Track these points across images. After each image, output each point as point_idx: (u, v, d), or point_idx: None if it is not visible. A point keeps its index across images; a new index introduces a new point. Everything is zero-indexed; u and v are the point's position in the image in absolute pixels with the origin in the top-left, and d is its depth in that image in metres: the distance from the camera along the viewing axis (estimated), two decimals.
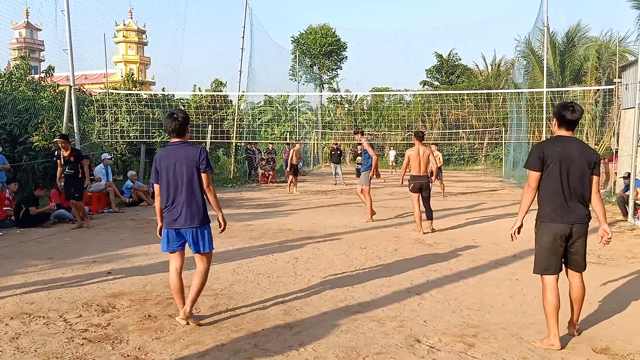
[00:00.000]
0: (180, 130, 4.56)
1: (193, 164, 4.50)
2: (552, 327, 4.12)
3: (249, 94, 23.82)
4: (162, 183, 4.54)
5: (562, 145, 4.13)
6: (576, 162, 4.09)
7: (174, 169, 4.50)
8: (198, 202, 4.54)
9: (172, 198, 4.52)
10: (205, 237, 4.60)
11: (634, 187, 10.50)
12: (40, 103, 15.42)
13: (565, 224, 4.10)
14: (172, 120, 4.53)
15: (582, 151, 4.15)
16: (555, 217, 4.11)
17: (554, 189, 4.10)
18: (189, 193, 4.50)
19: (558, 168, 4.08)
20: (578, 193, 4.11)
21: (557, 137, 4.24)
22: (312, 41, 42.67)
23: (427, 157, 9.47)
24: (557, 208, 4.10)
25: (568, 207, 4.09)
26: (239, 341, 4.22)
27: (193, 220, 4.51)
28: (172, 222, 4.53)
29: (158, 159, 4.59)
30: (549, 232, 4.13)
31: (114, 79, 39.76)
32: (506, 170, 25.76)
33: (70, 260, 7.14)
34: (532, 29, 22.36)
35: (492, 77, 40.80)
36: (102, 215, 12.01)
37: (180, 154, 4.52)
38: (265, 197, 16.35)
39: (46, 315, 4.84)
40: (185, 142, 4.62)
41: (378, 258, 7.30)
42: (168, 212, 4.54)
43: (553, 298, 4.13)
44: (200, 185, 4.55)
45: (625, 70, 15.80)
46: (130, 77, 22.27)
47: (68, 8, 13.20)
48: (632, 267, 6.80)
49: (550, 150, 4.12)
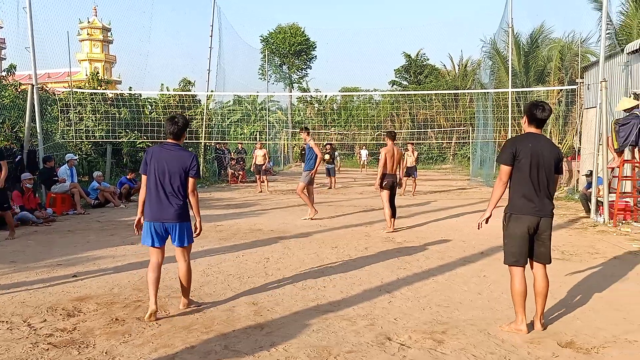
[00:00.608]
0: (177, 134, 4.86)
1: (183, 168, 4.77)
2: (519, 313, 4.35)
3: (218, 93, 23.60)
4: (151, 177, 4.77)
5: (533, 142, 4.33)
6: (545, 158, 4.30)
7: (164, 168, 4.74)
8: (181, 202, 4.80)
9: (158, 194, 4.75)
10: (188, 231, 4.89)
11: (596, 184, 10.79)
12: (2, 102, 14.97)
13: (535, 216, 4.30)
14: (173, 123, 4.83)
15: (551, 149, 4.38)
16: (526, 209, 4.30)
17: (524, 182, 4.30)
18: (175, 193, 4.76)
19: (529, 163, 4.27)
20: (546, 187, 4.32)
21: (528, 134, 4.44)
22: (281, 40, 42.53)
23: (399, 156, 9.68)
24: (527, 200, 4.30)
25: (537, 200, 4.30)
26: (210, 343, 4.17)
27: (178, 216, 4.78)
28: (156, 216, 4.75)
29: (151, 152, 4.85)
30: (520, 224, 4.32)
31: (79, 77, 38.87)
32: (473, 169, 26.20)
33: (33, 264, 6.95)
34: (498, 30, 22.83)
35: (459, 77, 41.45)
36: (66, 217, 11.73)
37: (174, 155, 4.78)
38: (235, 197, 16.24)
39: (9, 320, 4.70)
40: (179, 145, 4.89)
41: (349, 257, 7.33)
42: (152, 206, 4.76)
43: (520, 285, 4.34)
44: (184, 187, 4.81)
45: (587, 71, 16.25)
46: (95, 76, 21.80)
47: (30, 5, 12.82)
48: (595, 262, 7.00)
49: (521, 146, 4.31)
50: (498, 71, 23.93)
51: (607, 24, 11.62)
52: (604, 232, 9.33)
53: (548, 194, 4.34)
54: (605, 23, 11.14)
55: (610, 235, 9.07)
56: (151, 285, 4.78)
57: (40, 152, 13.11)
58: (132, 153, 19.85)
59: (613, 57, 13.41)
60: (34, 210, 10.83)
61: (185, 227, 4.86)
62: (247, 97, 40.22)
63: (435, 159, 38.20)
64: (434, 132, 36.06)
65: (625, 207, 10.51)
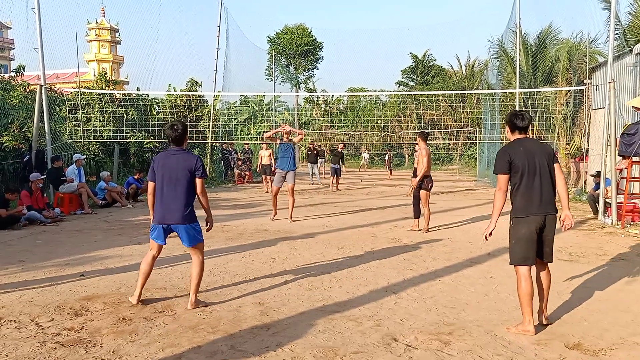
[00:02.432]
0: (178, 140, 5.10)
1: (189, 170, 5.00)
2: (526, 314, 4.37)
3: (225, 93, 23.62)
4: (158, 182, 5.01)
5: (523, 146, 4.51)
6: (538, 155, 4.46)
7: (170, 172, 4.98)
8: (189, 203, 5.02)
9: (166, 197, 4.98)
10: (195, 231, 5.07)
11: (604, 185, 10.73)
12: (10, 103, 15.06)
13: (540, 215, 4.40)
14: (173, 131, 5.07)
15: (540, 147, 4.58)
16: (531, 209, 4.40)
17: (525, 185, 4.43)
18: (182, 195, 4.98)
19: (526, 165, 4.41)
20: (546, 185, 4.44)
21: (515, 141, 4.61)
22: (288, 41, 42.52)
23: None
24: (530, 201, 4.40)
25: (539, 199, 4.41)
26: (216, 343, 4.19)
27: (184, 218, 4.97)
28: (162, 218, 4.99)
29: (157, 160, 5.10)
30: (526, 225, 4.40)
31: (87, 78, 39.06)
32: (480, 169, 26.11)
33: (41, 263, 7.00)
34: (505, 30, 22.71)
35: (466, 77, 41.28)
36: (74, 217, 11.79)
37: (180, 159, 5.03)
38: (242, 197, 16.27)
39: (17, 319, 4.73)
40: (182, 149, 5.13)
41: (355, 258, 7.33)
42: (161, 209, 4.99)
43: (527, 286, 4.38)
44: (192, 188, 5.03)
45: (596, 72, 16.16)
46: (103, 76, 21.90)
47: (39, 6, 12.92)
48: (602, 264, 6.96)
49: (514, 152, 4.47)
50: (505, 72, 23.80)
51: (615, 24, 11.55)
52: (611, 234, 9.27)
53: (550, 191, 4.44)
54: (613, 23, 11.07)
55: (618, 236, 9.01)
56: (141, 276, 5.11)
57: (49, 152, 13.19)
58: (139, 153, 19.93)
59: (621, 57, 13.33)
60: (42, 210, 10.89)
61: (192, 228, 5.03)
62: (253, 98, 40.28)
63: (442, 160, 38.11)
64: (440, 133, 35.96)
65: (634, 209, 10.44)
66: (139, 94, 21.68)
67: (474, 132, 30.79)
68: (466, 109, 32.50)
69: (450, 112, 34.02)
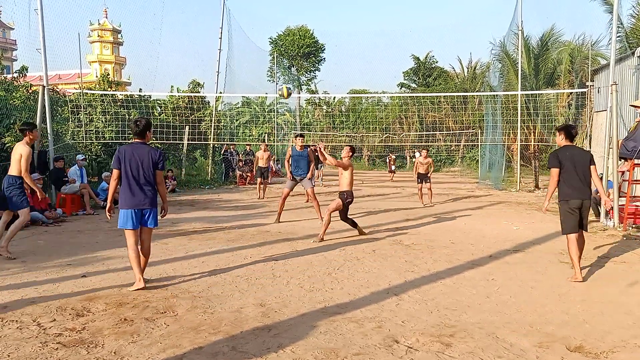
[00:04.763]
0: (141, 134, 5.79)
1: (152, 162, 5.72)
2: (577, 267, 6.13)
3: (227, 95, 23.65)
4: (126, 172, 5.65)
5: (570, 151, 6.32)
6: (579, 158, 6.26)
7: (137, 163, 5.65)
8: (153, 190, 5.79)
9: (134, 186, 5.67)
10: (156, 215, 5.88)
11: (606, 188, 10.71)
12: (13, 103, 15.08)
13: (578, 199, 6.21)
14: (136, 125, 5.80)
15: (582, 152, 6.45)
16: (573, 195, 6.21)
17: (569, 178, 6.22)
18: (148, 183, 5.73)
19: (571, 164, 6.21)
20: (584, 179, 6.22)
21: (564, 147, 6.39)
22: (290, 42, 42.57)
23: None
24: (573, 189, 6.20)
25: (580, 188, 6.20)
26: (217, 344, 4.19)
27: (152, 203, 5.77)
28: (135, 204, 5.68)
29: (123, 151, 5.69)
30: (570, 205, 6.21)
31: (89, 79, 39.12)
32: (482, 172, 26.09)
33: (43, 264, 7.01)
34: (507, 32, 22.71)
35: (468, 79, 41.27)
36: (76, 217, 11.81)
37: (145, 152, 5.70)
38: (243, 198, 16.26)
39: (19, 320, 4.74)
40: (145, 143, 5.81)
41: (356, 259, 7.33)
42: (129, 196, 5.67)
43: (575, 247, 6.15)
44: (154, 178, 5.77)
45: (598, 74, 16.16)
46: (105, 78, 21.93)
47: (41, 7, 12.94)
48: (604, 266, 6.95)
49: (562, 155, 6.29)
50: (507, 74, 23.78)
51: (617, 26, 11.56)
52: (613, 236, 9.26)
53: (586, 184, 6.23)
54: (616, 26, 11.07)
55: (620, 239, 9.00)
56: (135, 262, 5.65)
57: (51, 152, 13.21)
58: None
59: (624, 60, 13.32)
60: (44, 211, 10.91)
61: (157, 212, 5.87)
62: (255, 99, 40.30)
63: (444, 162, 38.09)
64: (442, 135, 35.95)
65: (636, 211, 10.41)
66: (141, 95, 21.72)
67: (475, 134, 30.78)
68: (468, 111, 32.53)
69: (452, 114, 34.04)
